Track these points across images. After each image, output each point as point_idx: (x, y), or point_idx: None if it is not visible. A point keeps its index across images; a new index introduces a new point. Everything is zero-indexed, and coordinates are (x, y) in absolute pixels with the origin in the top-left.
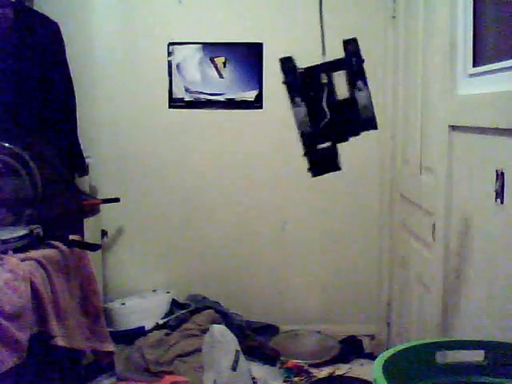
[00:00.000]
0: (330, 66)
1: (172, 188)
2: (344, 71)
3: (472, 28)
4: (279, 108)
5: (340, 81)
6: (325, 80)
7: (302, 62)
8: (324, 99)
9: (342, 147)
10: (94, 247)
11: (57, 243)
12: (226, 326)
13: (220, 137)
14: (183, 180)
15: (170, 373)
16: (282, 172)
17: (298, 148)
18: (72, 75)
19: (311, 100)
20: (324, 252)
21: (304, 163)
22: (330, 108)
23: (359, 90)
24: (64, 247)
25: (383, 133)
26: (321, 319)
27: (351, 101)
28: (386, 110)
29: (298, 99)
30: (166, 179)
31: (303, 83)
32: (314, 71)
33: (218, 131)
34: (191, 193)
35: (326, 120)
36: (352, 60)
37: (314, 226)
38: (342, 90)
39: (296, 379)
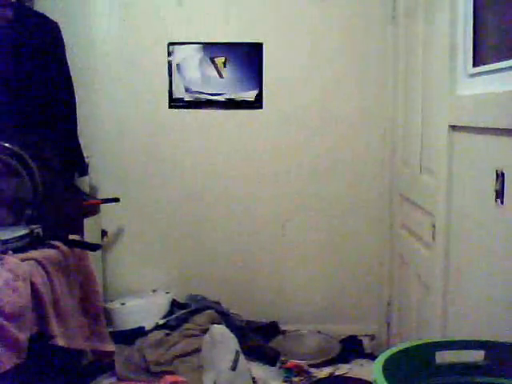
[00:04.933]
0: None
1: (172, 188)
2: None
3: (472, 28)
4: (279, 108)
5: None
6: None
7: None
8: None
9: (341, 147)
10: (94, 247)
11: (57, 243)
12: (226, 326)
13: (220, 137)
14: (183, 180)
15: (170, 373)
16: (282, 172)
17: (298, 148)
18: (72, 75)
19: None
20: (324, 252)
21: (302, 163)
22: None
23: None
24: (64, 247)
25: (383, 133)
26: (321, 319)
27: None
28: (386, 110)
29: None
30: (165, 179)
31: None
32: None
33: (218, 131)
34: (191, 193)
35: None
36: None
37: (314, 225)
38: None
39: (296, 379)
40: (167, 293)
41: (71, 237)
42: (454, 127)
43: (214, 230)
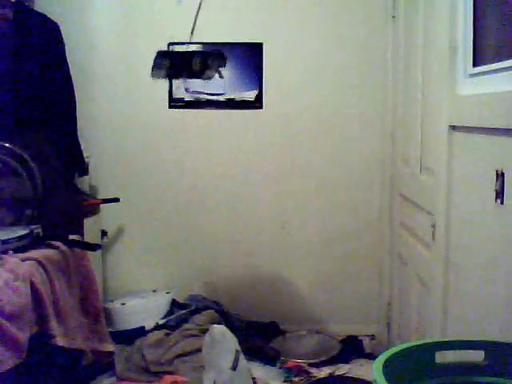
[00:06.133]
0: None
1: (172, 188)
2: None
3: (472, 28)
4: (279, 108)
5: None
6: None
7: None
8: None
9: (341, 147)
10: (94, 247)
11: (57, 243)
12: (226, 326)
13: (220, 137)
14: (183, 180)
15: (170, 373)
16: (282, 172)
17: (298, 148)
18: (72, 75)
19: None
20: (324, 252)
21: (302, 163)
22: None
23: None
24: (64, 247)
25: (383, 133)
26: (321, 319)
27: None
28: (386, 110)
29: None
30: (166, 179)
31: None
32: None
33: (218, 131)
34: (191, 192)
35: None
36: None
37: (314, 225)
38: None
39: (296, 379)
40: (167, 293)
41: (71, 237)
42: (454, 127)
43: (214, 230)
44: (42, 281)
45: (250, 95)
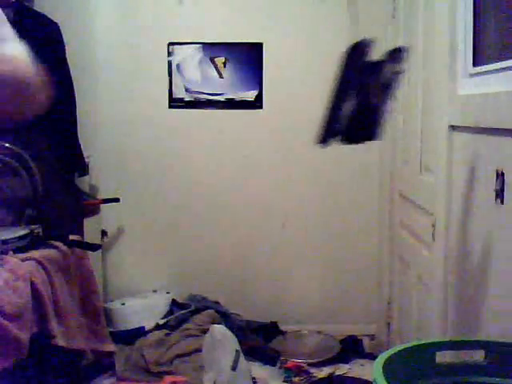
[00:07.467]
0: None
1: (172, 188)
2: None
3: (472, 28)
4: (279, 108)
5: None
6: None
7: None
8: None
9: (341, 147)
10: (94, 247)
11: (57, 243)
12: (226, 326)
13: (220, 137)
14: (183, 180)
15: (170, 373)
16: (281, 171)
17: (298, 148)
18: (72, 75)
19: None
20: (324, 252)
21: (302, 163)
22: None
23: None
24: (64, 247)
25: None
26: (321, 319)
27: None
28: None
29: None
30: (166, 179)
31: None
32: None
33: (218, 131)
34: (191, 193)
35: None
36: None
37: (314, 225)
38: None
39: (296, 379)
40: (167, 293)
41: (71, 237)
42: (453, 127)
43: (214, 230)
44: (42, 281)
45: (250, 95)
